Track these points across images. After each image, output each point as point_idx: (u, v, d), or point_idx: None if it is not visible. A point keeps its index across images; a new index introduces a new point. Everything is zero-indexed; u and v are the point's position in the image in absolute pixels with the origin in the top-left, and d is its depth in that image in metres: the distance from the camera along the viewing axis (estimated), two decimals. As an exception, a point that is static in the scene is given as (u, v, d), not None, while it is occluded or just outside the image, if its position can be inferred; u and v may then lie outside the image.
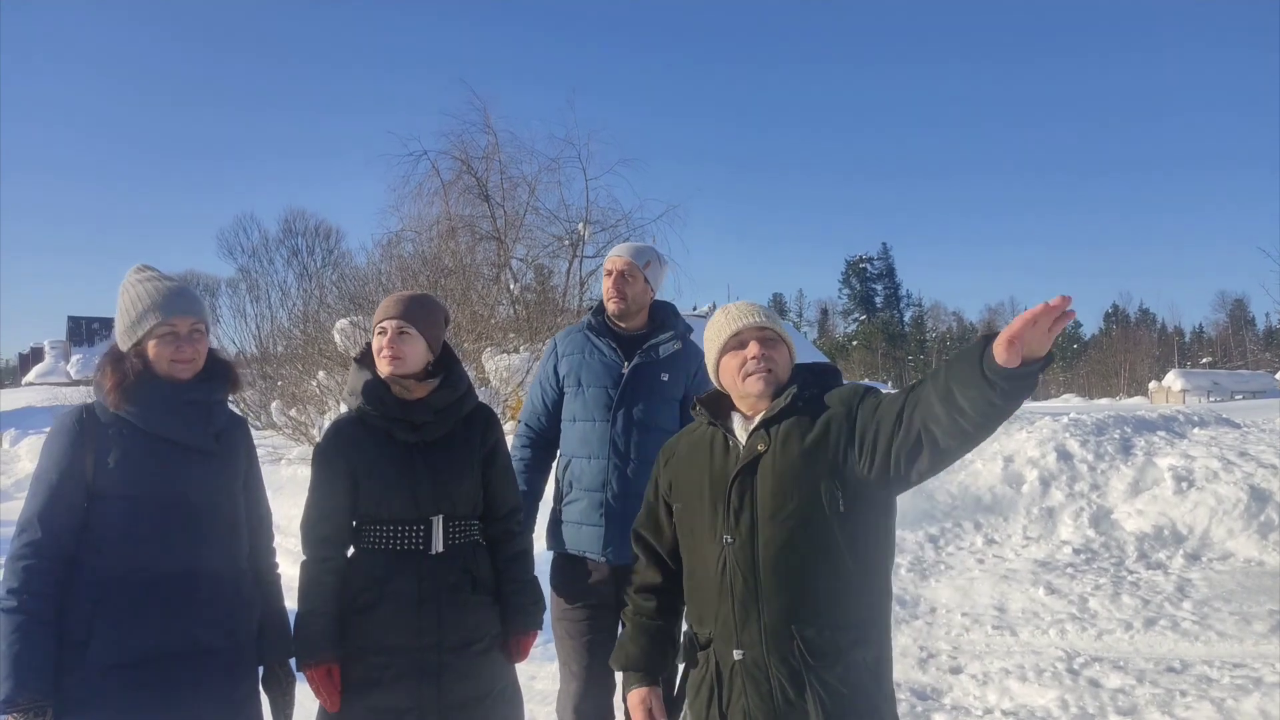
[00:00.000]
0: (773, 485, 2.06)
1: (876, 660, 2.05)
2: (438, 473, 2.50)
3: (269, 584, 2.47)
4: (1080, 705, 4.39)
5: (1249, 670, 4.76)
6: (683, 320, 3.27)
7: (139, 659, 2.14)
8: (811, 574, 2.02)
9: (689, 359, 3.18)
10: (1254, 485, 7.43)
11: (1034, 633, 5.62)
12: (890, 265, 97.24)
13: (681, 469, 2.26)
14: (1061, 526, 7.61)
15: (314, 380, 14.86)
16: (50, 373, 50.03)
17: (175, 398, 2.28)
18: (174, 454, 2.26)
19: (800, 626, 2.00)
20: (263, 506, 2.49)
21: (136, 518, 2.19)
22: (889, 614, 2.13)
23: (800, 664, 1.99)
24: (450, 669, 2.43)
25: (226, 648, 2.27)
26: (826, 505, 2.01)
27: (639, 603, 2.34)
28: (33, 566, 2.13)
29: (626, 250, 3.18)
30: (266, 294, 24.62)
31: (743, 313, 2.20)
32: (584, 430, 3.07)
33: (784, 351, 2.19)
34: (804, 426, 2.08)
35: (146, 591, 2.17)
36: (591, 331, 3.16)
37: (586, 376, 3.10)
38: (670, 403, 3.12)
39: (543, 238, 19.00)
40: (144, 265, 2.42)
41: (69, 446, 2.21)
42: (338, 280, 18.43)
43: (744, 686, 2.05)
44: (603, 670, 3.00)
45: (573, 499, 3.06)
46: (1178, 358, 75.89)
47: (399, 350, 2.50)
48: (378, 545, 2.47)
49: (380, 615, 2.42)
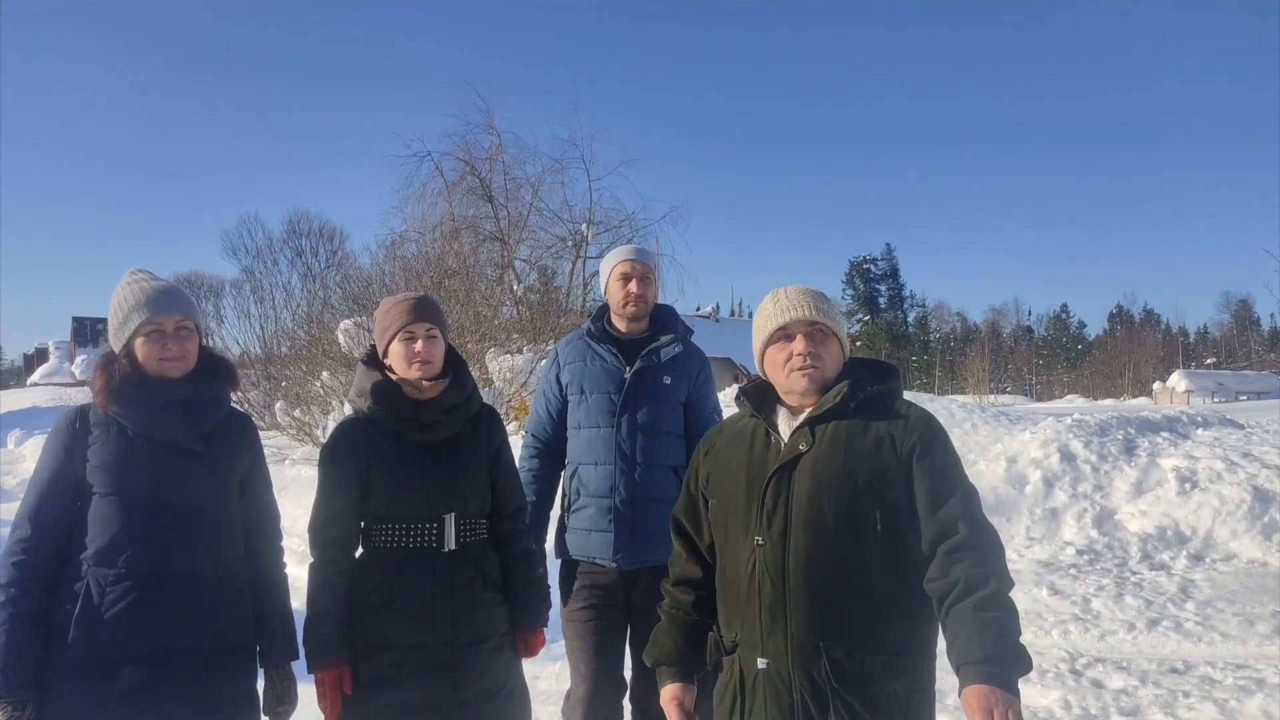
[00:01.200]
0: (810, 489, 1.94)
1: (908, 693, 1.91)
2: (449, 471, 2.51)
3: (271, 586, 2.44)
4: (1083, 706, 4.40)
5: (1252, 671, 4.76)
6: (683, 322, 3.27)
7: (114, 658, 2.15)
8: (844, 590, 1.90)
9: (691, 361, 3.18)
10: (1258, 486, 7.42)
11: (1037, 633, 5.61)
12: (894, 266, 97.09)
13: (720, 462, 2.14)
14: (1065, 527, 7.61)
15: (318, 381, 14.89)
16: (55, 373, 50.18)
17: (159, 398, 2.28)
18: (159, 454, 2.26)
19: (829, 645, 1.90)
20: (266, 508, 2.48)
21: (117, 517, 2.21)
22: (930, 648, 1.98)
23: (826, 684, 1.89)
24: (464, 665, 2.45)
25: (205, 650, 2.24)
26: (863, 523, 1.90)
27: (676, 596, 2.21)
28: (21, 563, 2.17)
29: (635, 252, 3.18)
30: (271, 294, 24.65)
31: (793, 303, 2.05)
32: (589, 437, 3.07)
33: (834, 347, 2.06)
34: (853, 432, 1.97)
35: (124, 590, 2.18)
36: (592, 338, 3.15)
37: (589, 383, 3.09)
38: (674, 405, 3.11)
39: (546, 238, 19.08)
40: (137, 269, 2.43)
41: (61, 447, 2.27)
42: (341, 281, 18.49)
43: (765, 697, 1.96)
44: (611, 672, 3.01)
45: (580, 505, 3.06)
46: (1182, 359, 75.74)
47: (431, 354, 2.52)
48: (390, 544, 2.48)
49: (394, 613, 2.43)
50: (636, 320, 3.15)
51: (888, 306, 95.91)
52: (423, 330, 2.52)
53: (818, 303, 2.07)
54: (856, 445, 1.95)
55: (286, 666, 2.43)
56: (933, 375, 79.93)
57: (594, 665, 2.98)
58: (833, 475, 1.93)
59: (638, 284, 3.11)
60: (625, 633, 3.06)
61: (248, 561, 2.40)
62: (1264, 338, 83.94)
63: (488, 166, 19.78)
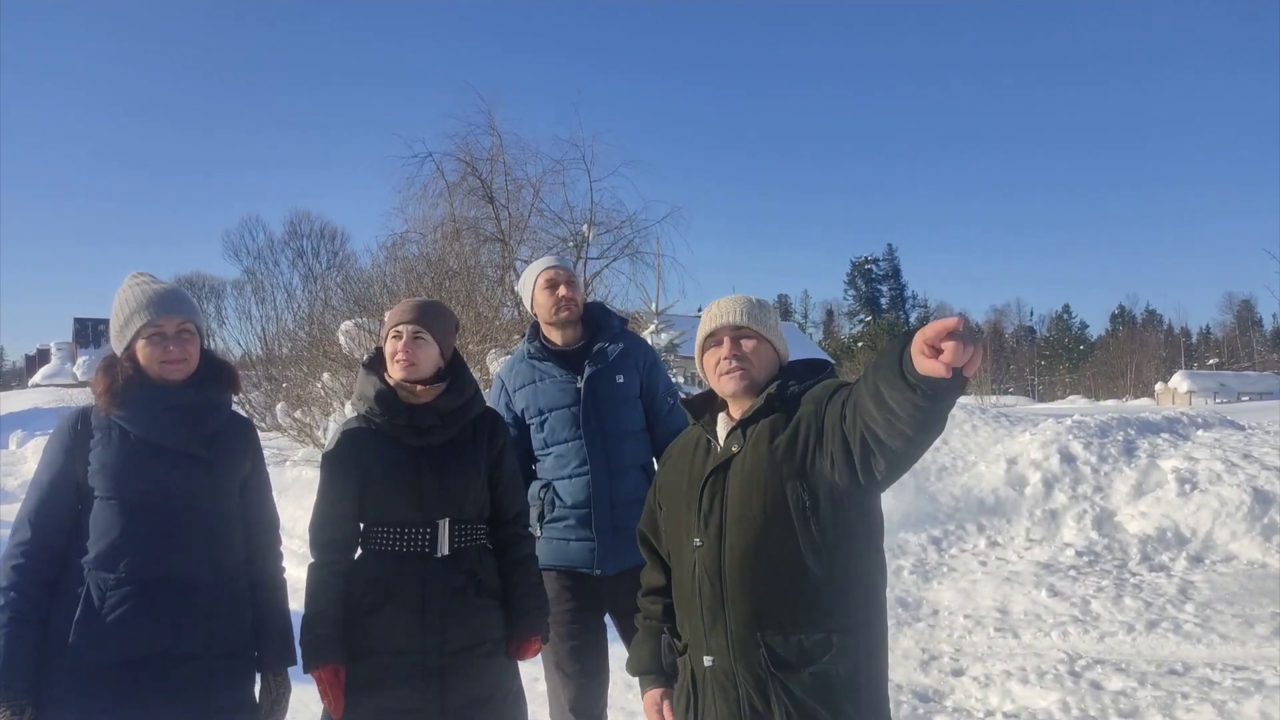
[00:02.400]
0: (740, 488, 2.00)
1: (854, 672, 1.92)
2: (444, 477, 2.52)
3: (270, 590, 2.44)
4: (1082, 708, 4.40)
5: (1251, 673, 4.77)
6: (616, 315, 3.27)
7: (113, 662, 2.15)
8: (778, 578, 1.94)
9: (635, 352, 3.18)
10: (1257, 488, 7.43)
11: (1036, 635, 5.62)
12: (896, 266, 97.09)
13: (669, 471, 2.24)
14: (1064, 529, 7.62)
15: (319, 382, 14.90)
16: (56, 374, 50.18)
17: (161, 401, 2.29)
18: (158, 458, 2.26)
19: (766, 634, 1.94)
20: (266, 511, 2.48)
21: (117, 521, 2.21)
22: (876, 625, 2.01)
23: (766, 674, 1.92)
24: (454, 671, 2.45)
25: (203, 656, 2.24)
26: (793, 508, 1.94)
27: (647, 606, 2.32)
28: (20, 566, 2.18)
29: (557, 260, 3.21)
30: (272, 295, 24.72)
31: (722, 310, 2.14)
32: (559, 452, 3.07)
33: (764, 350, 2.12)
34: (778, 426, 2.01)
35: (124, 595, 2.18)
36: (535, 359, 3.14)
37: (545, 402, 3.08)
38: (633, 402, 3.13)
39: (547, 239, 19.05)
40: (139, 272, 2.44)
41: (61, 449, 2.27)
42: (342, 282, 18.48)
43: (714, 695, 2.00)
44: (595, 671, 3.04)
45: (557, 516, 3.04)
46: (1184, 359, 75.63)
47: (414, 355, 2.52)
48: (384, 547, 2.49)
49: (384, 617, 2.44)
50: (571, 325, 3.14)
51: (890, 307, 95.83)
52: (409, 331, 2.52)
53: (747, 309, 2.14)
54: (780, 435, 2.00)
55: (283, 672, 2.43)
56: (934, 376, 79.56)
57: (578, 666, 3.01)
58: (760, 470, 1.99)
59: (565, 288, 3.11)
60: (605, 634, 3.09)
61: (247, 565, 2.40)
62: (1266, 338, 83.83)
63: (489, 167, 19.80)
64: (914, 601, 6.35)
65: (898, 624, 5.76)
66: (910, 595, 6.45)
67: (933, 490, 8.30)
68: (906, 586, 6.61)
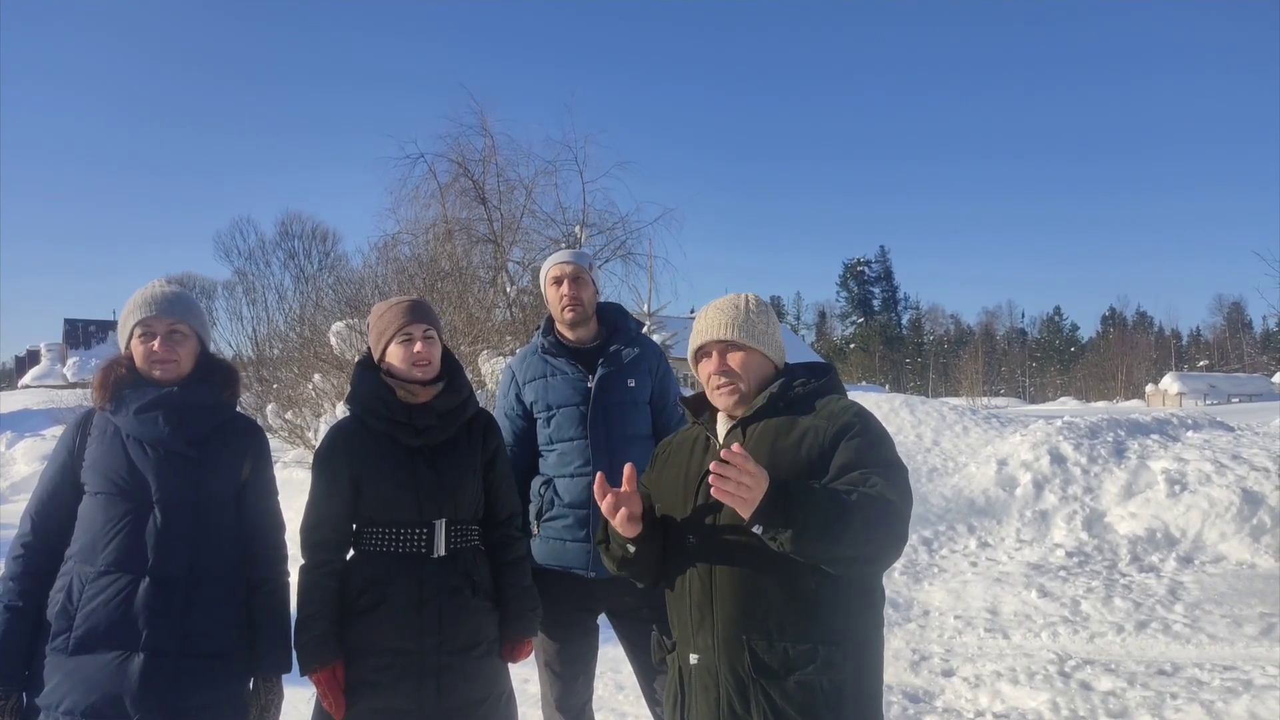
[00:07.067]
0: None
1: (839, 686, 1.89)
2: (441, 477, 2.51)
3: (267, 594, 2.41)
4: (1071, 708, 4.42)
5: (1239, 673, 4.79)
6: (633, 319, 3.25)
7: (86, 653, 2.18)
8: (767, 583, 1.92)
9: (649, 358, 3.16)
10: (1246, 488, 7.46)
11: (1026, 635, 5.64)
12: (888, 268, 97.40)
13: (665, 468, 2.21)
14: (1054, 529, 7.64)
15: (310, 383, 14.85)
16: (47, 375, 50.01)
17: (145, 398, 2.32)
18: (145, 455, 2.29)
19: (751, 637, 1.92)
20: (267, 514, 2.46)
21: (99, 515, 2.27)
22: (868, 640, 1.97)
23: (747, 677, 1.91)
24: (450, 671, 2.44)
25: (173, 653, 2.22)
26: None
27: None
28: (18, 559, 2.28)
29: (569, 255, 3.16)
30: (263, 296, 24.72)
31: (710, 323, 2.12)
32: (563, 450, 3.05)
33: (754, 360, 2.11)
34: (780, 428, 2.00)
35: (100, 587, 2.21)
36: (548, 354, 3.11)
37: (555, 398, 3.06)
38: (641, 407, 3.11)
39: (539, 240, 19.00)
40: (162, 278, 2.53)
41: (64, 447, 2.37)
42: (334, 283, 18.44)
43: (698, 693, 2.00)
44: (583, 671, 3.05)
45: (555, 515, 3.02)
46: (1175, 361, 75.99)
47: (430, 355, 2.53)
48: (379, 548, 2.48)
49: (381, 617, 2.43)
50: (579, 323, 3.11)
51: (882, 309, 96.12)
52: (420, 331, 2.52)
53: (734, 321, 2.11)
54: (782, 441, 1.99)
55: (276, 676, 2.41)
56: (926, 378, 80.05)
57: (569, 665, 3.01)
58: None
59: (569, 284, 3.07)
60: (597, 633, 3.08)
61: (245, 568, 2.39)
62: (1256, 340, 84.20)
63: (481, 168, 19.74)
64: (904, 602, 6.36)
65: (888, 625, 5.76)
66: (901, 596, 6.46)
67: (923, 491, 8.32)
68: (897, 587, 6.62)
